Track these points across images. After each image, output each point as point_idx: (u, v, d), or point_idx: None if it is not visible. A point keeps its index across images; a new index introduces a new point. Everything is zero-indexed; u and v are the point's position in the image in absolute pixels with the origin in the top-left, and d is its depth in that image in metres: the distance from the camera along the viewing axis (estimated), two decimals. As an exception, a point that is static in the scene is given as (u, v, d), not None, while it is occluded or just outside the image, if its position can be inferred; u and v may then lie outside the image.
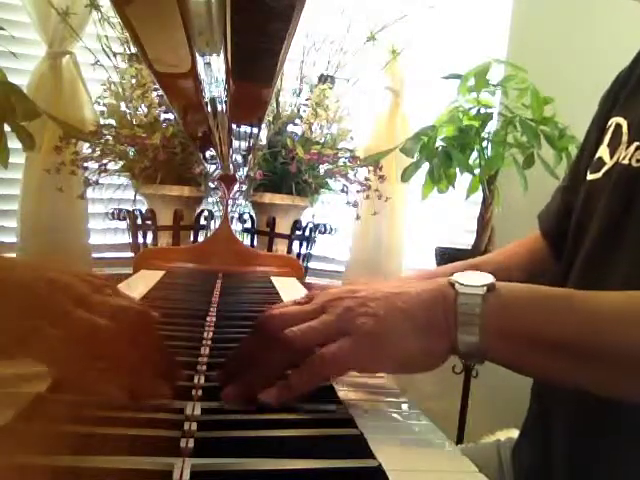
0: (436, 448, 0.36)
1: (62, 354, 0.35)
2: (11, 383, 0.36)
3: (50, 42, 1.45)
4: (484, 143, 1.36)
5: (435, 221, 1.72)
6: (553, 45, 1.62)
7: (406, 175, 1.39)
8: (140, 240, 1.43)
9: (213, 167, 1.27)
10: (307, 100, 1.50)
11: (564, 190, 0.73)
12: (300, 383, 0.40)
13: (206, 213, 1.44)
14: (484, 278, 0.43)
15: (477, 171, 1.37)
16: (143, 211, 1.44)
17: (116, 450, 0.30)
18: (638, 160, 0.55)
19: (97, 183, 1.38)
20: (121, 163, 1.40)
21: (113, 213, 1.44)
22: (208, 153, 1.03)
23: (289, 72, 1.54)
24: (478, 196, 1.43)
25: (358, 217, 1.56)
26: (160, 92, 1.32)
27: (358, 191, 1.50)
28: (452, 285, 0.43)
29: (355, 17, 1.54)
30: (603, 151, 0.62)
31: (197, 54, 0.46)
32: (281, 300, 0.79)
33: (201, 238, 1.43)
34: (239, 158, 1.01)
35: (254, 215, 1.51)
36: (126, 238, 1.50)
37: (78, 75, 1.50)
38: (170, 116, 1.38)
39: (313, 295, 0.50)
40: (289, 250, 1.47)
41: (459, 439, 1.44)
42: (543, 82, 1.32)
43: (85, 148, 1.42)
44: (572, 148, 1.28)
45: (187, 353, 0.49)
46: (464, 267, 0.73)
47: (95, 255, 1.55)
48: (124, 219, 1.43)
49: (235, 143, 0.85)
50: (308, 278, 1.56)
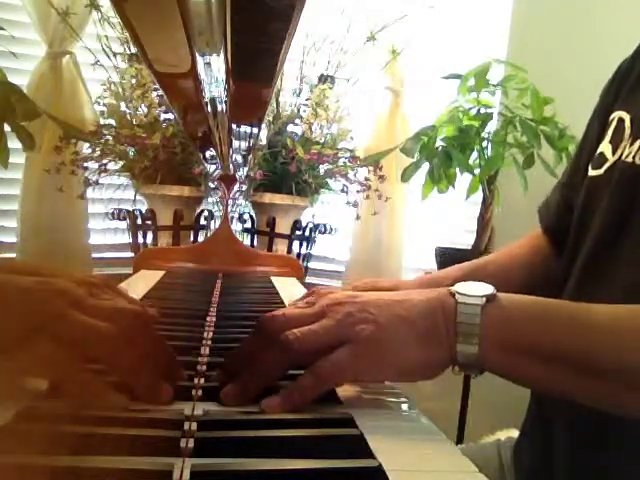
0: (436, 448, 0.36)
1: (60, 358, 0.35)
2: (11, 383, 0.36)
3: (50, 42, 1.45)
4: (484, 143, 1.36)
5: (435, 221, 1.72)
6: (553, 45, 1.62)
7: (406, 175, 1.39)
8: (140, 240, 1.43)
9: (213, 167, 1.27)
10: (307, 100, 1.50)
11: (564, 186, 0.73)
12: (301, 394, 0.40)
13: (206, 213, 1.44)
14: (484, 289, 0.43)
15: (477, 171, 1.37)
16: (143, 211, 1.44)
17: (116, 450, 0.30)
18: None
19: (97, 183, 1.38)
20: (121, 163, 1.40)
21: (113, 213, 1.44)
22: (208, 153, 1.03)
23: (289, 72, 1.55)
24: (478, 196, 1.43)
25: (358, 217, 1.56)
26: (160, 92, 1.32)
27: (358, 191, 1.50)
28: (452, 295, 0.43)
29: (355, 17, 1.54)
30: (605, 147, 0.61)
31: (197, 54, 0.46)
32: (281, 300, 0.79)
33: (201, 238, 1.43)
34: (239, 158, 1.01)
35: (254, 215, 1.51)
36: (126, 238, 1.50)
37: (78, 75, 1.50)
38: (170, 116, 1.38)
39: (313, 295, 0.50)
40: (289, 250, 1.47)
41: (459, 439, 1.44)
42: (543, 82, 1.32)
43: (85, 148, 1.43)
44: (572, 148, 1.28)
45: (187, 353, 0.49)
46: (470, 268, 0.73)
47: (95, 255, 1.56)
48: (124, 219, 1.43)
49: (235, 143, 0.85)
50: (308, 278, 1.56)
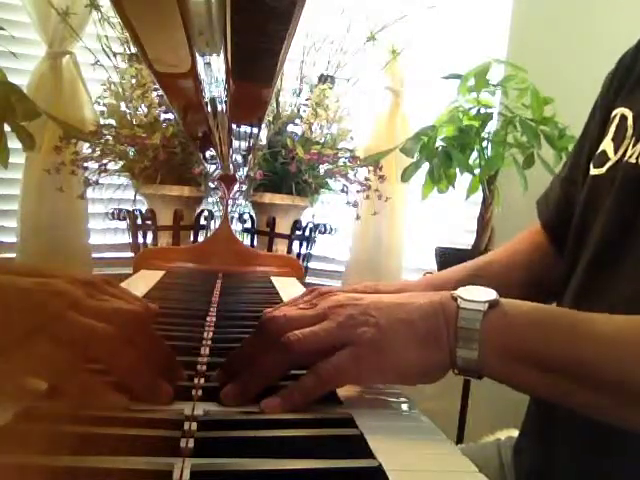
0: (436, 448, 0.36)
1: (59, 359, 0.35)
2: (9, 384, 0.36)
3: (50, 42, 1.45)
4: (484, 143, 1.36)
5: (435, 221, 1.72)
6: (553, 45, 1.62)
7: (406, 175, 1.39)
8: (140, 240, 1.43)
9: (213, 167, 1.27)
10: (307, 100, 1.50)
11: (564, 180, 0.71)
12: (302, 395, 0.40)
13: (206, 213, 1.44)
14: (487, 294, 0.43)
15: (477, 171, 1.37)
16: (143, 211, 1.44)
17: (116, 450, 0.30)
18: None
19: (97, 183, 1.38)
20: (121, 163, 1.40)
21: (113, 213, 1.44)
22: (208, 153, 1.03)
23: (289, 72, 1.55)
24: (478, 196, 1.43)
25: (358, 217, 1.56)
26: (160, 92, 1.32)
27: (358, 191, 1.50)
28: (455, 299, 0.43)
29: (355, 17, 1.54)
30: (607, 145, 0.60)
31: (197, 54, 0.46)
32: (281, 300, 0.79)
33: (201, 238, 1.43)
34: (239, 158, 1.01)
35: (254, 215, 1.51)
36: (126, 238, 1.50)
37: (78, 75, 1.50)
38: (170, 116, 1.38)
39: (312, 294, 0.50)
40: (289, 250, 1.47)
41: (459, 439, 1.44)
42: (543, 82, 1.32)
43: (85, 148, 1.43)
44: (572, 148, 1.28)
45: (187, 353, 0.49)
46: (474, 268, 0.73)
47: (95, 255, 1.55)
48: (124, 219, 1.43)
49: (235, 143, 0.85)
50: (308, 278, 1.56)
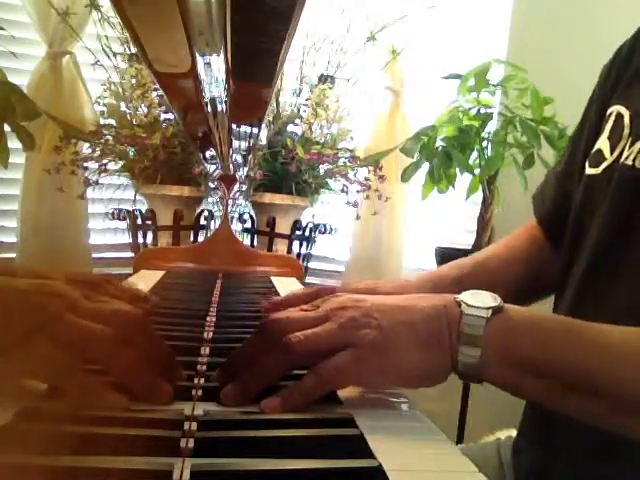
0: (436, 448, 0.36)
1: (58, 360, 0.35)
2: (8, 385, 0.36)
3: (50, 42, 1.45)
4: (484, 143, 1.36)
5: (435, 221, 1.72)
6: (553, 45, 1.62)
7: (406, 175, 1.39)
8: (140, 240, 1.43)
9: (213, 167, 1.27)
10: (307, 100, 1.50)
11: (560, 175, 0.71)
12: (302, 395, 0.40)
13: (206, 213, 1.44)
14: (491, 300, 0.43)
15: (477, 171, 1.37)
16: (143, 211, 1.44)
17: (116, 450, 0.30)
18: None
19: (97, 183, 1.38)
20: (121, 163, 1.40)
21: (113, 213, 1.44)
22: (208, 153, 1.03)
23: (289, 72, 1.55)
24: (478, 196, 1.43)
25: (358, 217, 1.56)
26: (160, 92, 1.32)
27: (358, 191, 1.50)
28: (459, 304, 0.43)
29: (355, 17, 1.54)
30: (603, 143, 0.60)
31: (197, 54, 0.46)
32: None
33: (201, 238, 1.43)
34: (239, 158, 1.01)
35: (254, 215, 1.51)
36: (126, 238, 1.50)
37: (78, 75, 1.50)
38: (170, 116, 1.38)
39: (314, 294, 0.50)
40: (289, 250, 1.47)
41: (459, 439, 1.44)
42: (543, 82, 1.32)
43: (85, 148, 1.43)
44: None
45: (187, 353, 0.49)
46: (470, 265, 0.73)
47: (95, 255, 1.56)
48: (124, 219, 1.43)
49: (235, 143, 0.85)
50: (308, 278, 1.56)
